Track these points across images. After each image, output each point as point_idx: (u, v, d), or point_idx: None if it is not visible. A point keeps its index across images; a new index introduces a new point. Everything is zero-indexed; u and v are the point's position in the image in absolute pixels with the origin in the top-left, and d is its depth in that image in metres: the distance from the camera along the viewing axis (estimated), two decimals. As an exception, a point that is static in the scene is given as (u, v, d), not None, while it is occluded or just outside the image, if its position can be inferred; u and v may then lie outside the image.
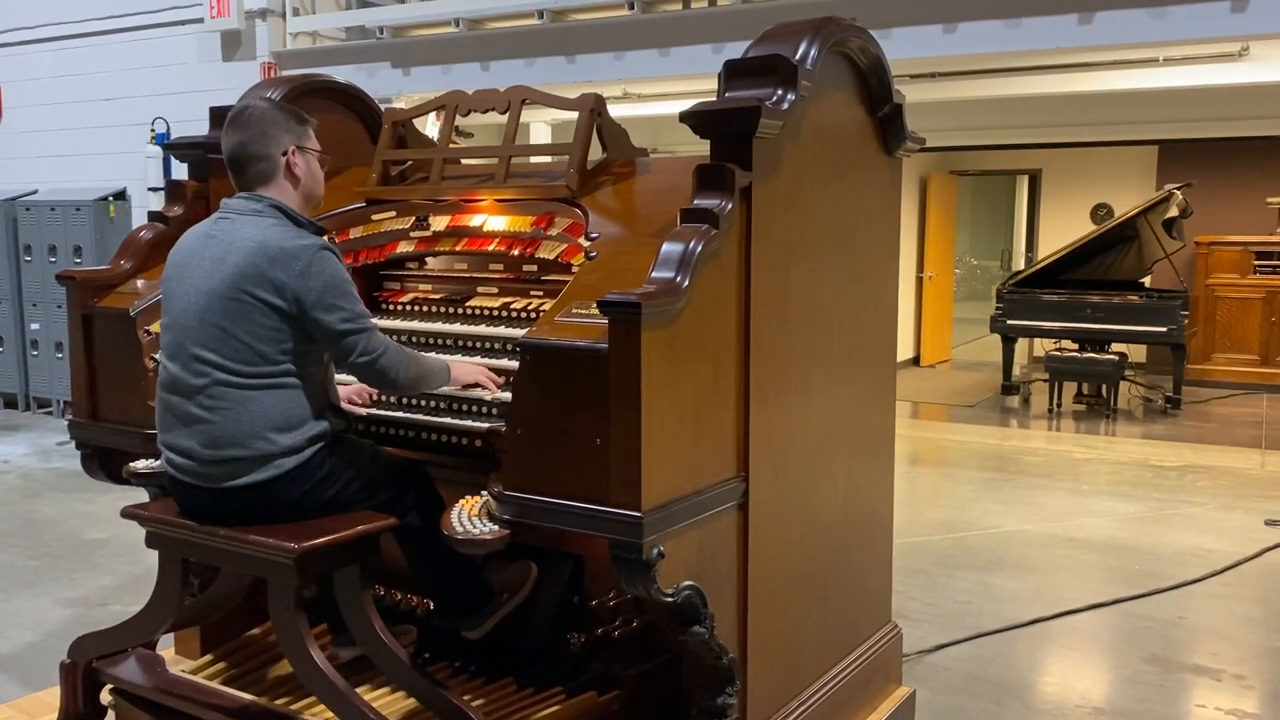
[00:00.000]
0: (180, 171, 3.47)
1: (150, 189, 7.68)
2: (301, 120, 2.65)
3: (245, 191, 2.60)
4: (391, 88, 7.03)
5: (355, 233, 3.17)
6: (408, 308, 3.22)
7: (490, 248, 2.96)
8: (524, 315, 2.91)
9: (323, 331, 2.45)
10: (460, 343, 2.96)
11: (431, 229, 3.05)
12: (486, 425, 2.61)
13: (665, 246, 2.20)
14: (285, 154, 2.58)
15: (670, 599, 2.18)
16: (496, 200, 2.98)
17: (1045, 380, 9.02)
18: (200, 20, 7.58)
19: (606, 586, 2.81)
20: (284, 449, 2.46)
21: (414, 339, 3.04)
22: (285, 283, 2.42)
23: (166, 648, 3.24)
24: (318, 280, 2.43)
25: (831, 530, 2.84)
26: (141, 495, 3.04)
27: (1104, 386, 8.88)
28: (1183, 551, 5.15)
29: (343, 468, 2.55)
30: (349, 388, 2.81)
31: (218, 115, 3.29)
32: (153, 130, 7.81)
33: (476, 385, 2.70)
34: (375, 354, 2.47)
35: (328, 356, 2.57)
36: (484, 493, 2.39)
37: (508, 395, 2.66)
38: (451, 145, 3.20)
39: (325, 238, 2.58)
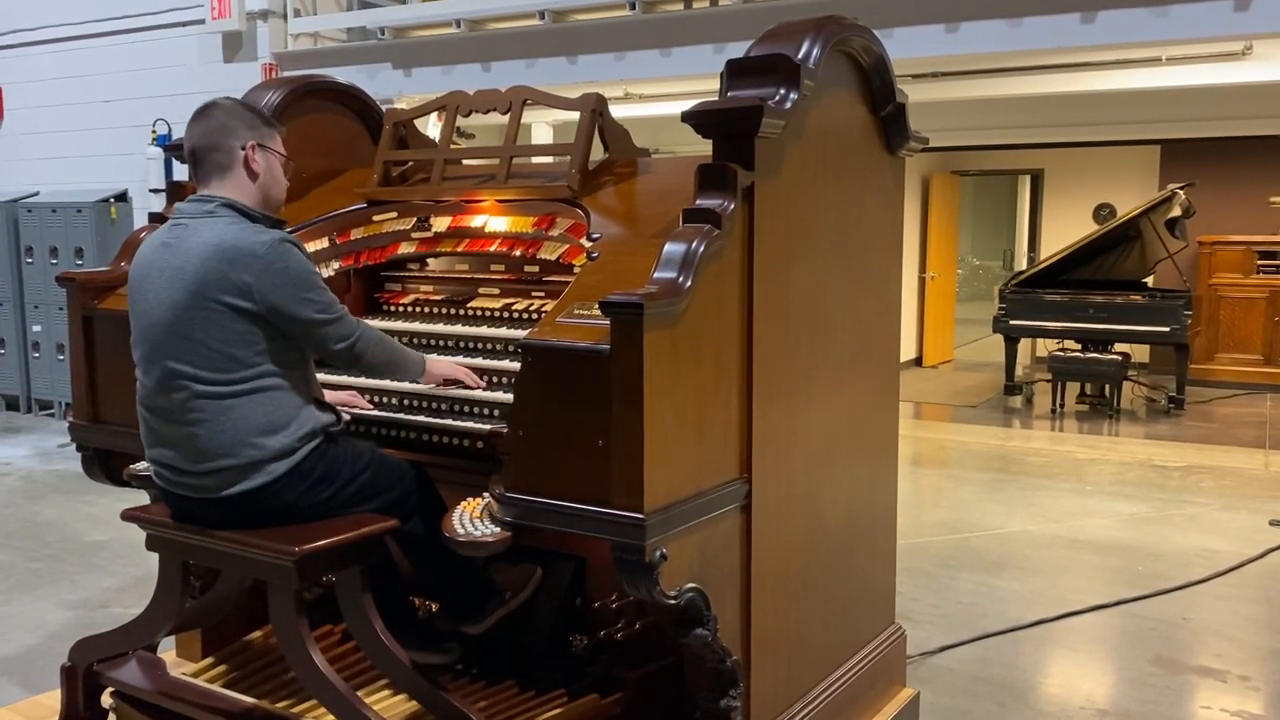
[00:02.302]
0: (181, 173, 3.47)
1: (151, 190, 7.68)
2: (267, 122, 2.61)
3: (203, 186, 2.53)
4: (392, 88, 7.03)
5: (356, 234, 3.16)
6: (409, 309, 3.22)
7: (492, 249, 2.96)
8: (525, 316, 2.91)
9: (296, 326, 2.42)
10: (462, 344, 2.96)
11: (433, 230, 3.04)
12: (488, 427, 2.60)
13: (667, 247, 2.19)
14: (244, 148, 2.52)
15: (673, 601, 2.17)
16: (498, 201, 2.97)
17: (1048, 380, 9.01)
18: (201, 21, 7.58)
19: (609, 588, 2.80)
20: (274, 453, 2.42)
21: (415, 340, 3.03)
22: (250, 284, 2.36)
23: (168, 650, 3.24)
24: (283, 276, 2.38)
25: (835, 531, 2.83)
26: (142, 497, 3.03)
27: (1107, 387, 8.87)
28: (1187, 552, 5.13)
29: (338, 468, 2.52)
30: (342, 394, 2.81)
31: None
32: (154, 132, 7.81)
33: (455, 382, 2.69)
34: (351, 339, 2.47)
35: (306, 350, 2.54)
36: (485, 494, 2.38)
37: (497, 395, 2.66)
38: (453, 146, 3.19)
39: (300, 235, 2.55)
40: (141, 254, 2.56)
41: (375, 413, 2.82)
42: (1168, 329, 8.60)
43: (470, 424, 2.65)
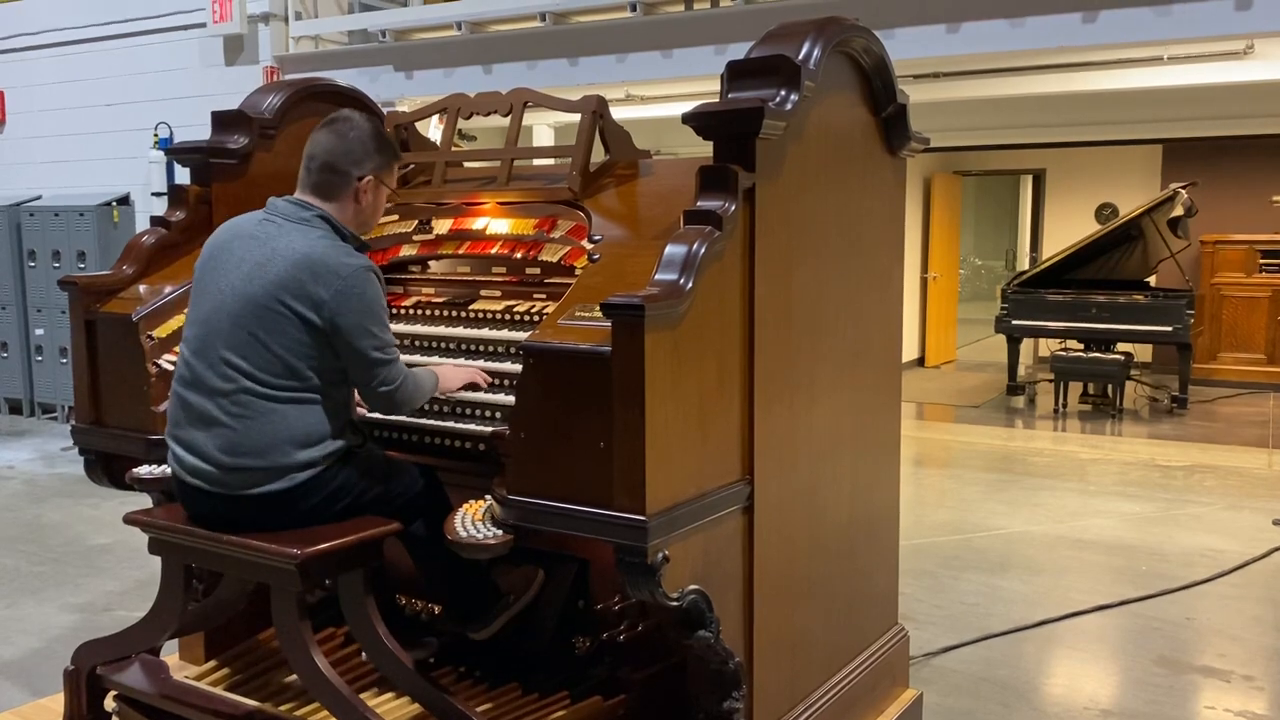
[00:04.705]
0: (183, 176, 3.47)
1: (154, 194, 7.68)
2: (392, 155, 2.62)
3: (305, 191, 2.55)
4: (394, 91, 7.03)
5: (358, 236, 3.16)
6: (411, 311, 3.21)
7: (493, 251, 2.96)
8: (527, 318, 2.90)
9: (351, 354, 2.43)
10: (463, 346, 2.95)
11: (434, 232, 3.04)
12: (490, 429, 2.59)
13: (668, 248, 2.19)
14: (361, 179, 2.55)
15: (675, 603, 2.17)
16: (499, 203, 2.97)
17: (1051, 380, 9.01)
18: (203, 25, 7.58)
19: (612, 590, 2.80)
20: (300, 464, 2.43)
21: (417, 342, 3.03)
22: (324, 300, 2.38)
23: (171, 653, 3.24)
24: (358, 303, 2.40)
25: (837, 532, 2.83)
26: (145, 500, 3.03)
27: (1110, 386, 8.86)
28: (1190, 552, 5.13)
29: (355, 480, 2.53)
30: None
31: (220, 119, 3.29)
32: (156, 135, 7.82)
33: (470, 385, 2.69)
34: (394, 385, 2.47)
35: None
36: (488, 497, 2.38)
37: (499, 397, 2.66)
38: (454, 148, 3.19)
39: (368, 255, 2.55)
40: (221, 237, 2.57)
41: (379, 415, 2.82)
42: (1170, 328, 8.59)
43: (472, 426, 2.66)
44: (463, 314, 3.06)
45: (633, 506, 2.07)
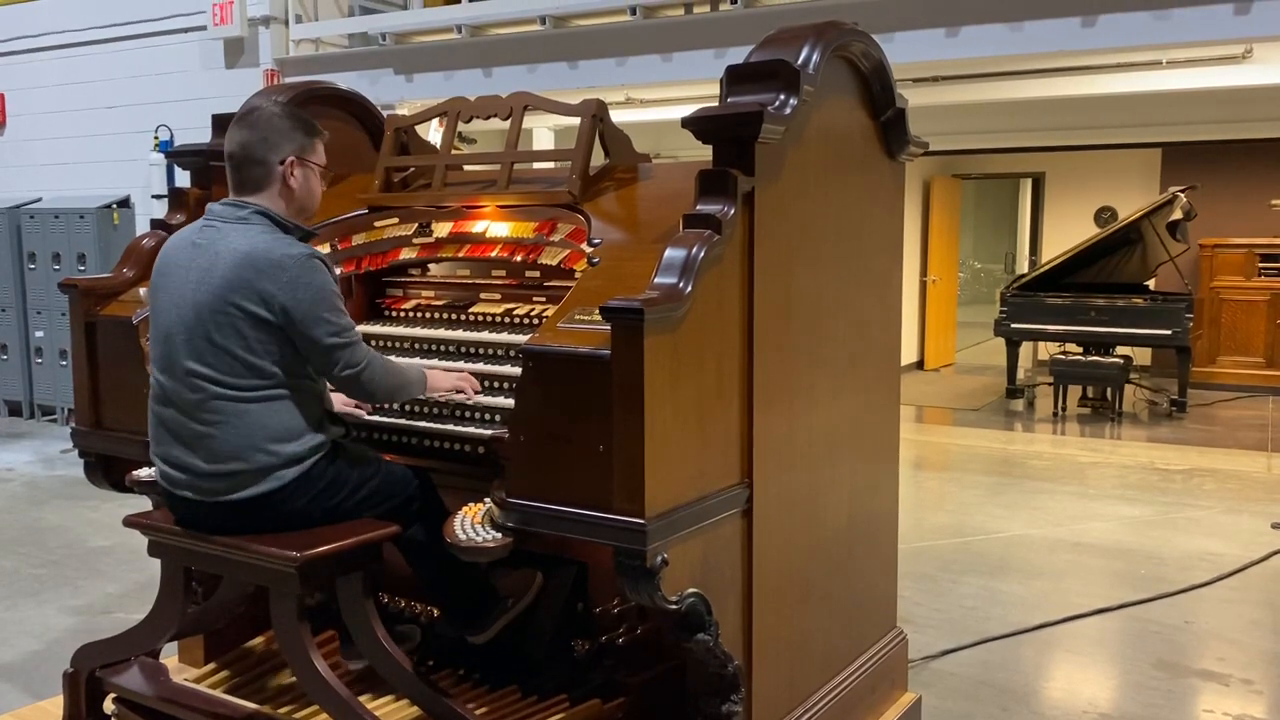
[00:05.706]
0: (184, 179, 3.47)
1: (154, 196, 7.69)
2: (310, 131, 2.59)
3: (237, 192, 2.54)
4: (394, 94, 7.04)
5: (358, 239, 3.17)
6: (410, 314, 3.22)
7: (493, 254, 2.96)
8: (526, 321, 2.91)
9: (308, 344, 2.42)
10: (463, 349, 2.96)
11: (434, 235, 3.05)
12: (490, 432, 2.60)
13: (668, 252, 2.20)
14: (284, 163, 2.52)
15: (674, 606, 2.17)
16: (499, 206, 2.98)
17: (1050, 384, 9.01)
18: (203, 28, 7.59)
19: (611, 593, 2.80)
20: (285, 460, 2.44)
21: (417, 345, 3.04)
22: (274, 295, 2.37)
23: (170, 656, 3.24)
24: (306, 292, 2.39)
25: (836, 536, 2.83)
26: (145, 503, 3.03)
27: (1109, 390, 8.86)
28: (1189, 555, 5.13)
29: (345, 477, 2.53)
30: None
31: (220, 122, 3.29)
32: (156, 138, 7.82)
33: (457, 391, 2.69)
34: (358, 367, 2.46)
35: None
36: (487, 500, 2.39)
37: (498, 400, 2.67)
38: (454, 152, 3.19)
39: (313, 243, 2.55)
40: (168, 251, 2.57)
41: (377, 418, 2.82)
42: (1169, 332, 8.60)
43: (471, 429, 2.66)
44: (462, 317, 3.07)
45: (632, 509, 2.07)
